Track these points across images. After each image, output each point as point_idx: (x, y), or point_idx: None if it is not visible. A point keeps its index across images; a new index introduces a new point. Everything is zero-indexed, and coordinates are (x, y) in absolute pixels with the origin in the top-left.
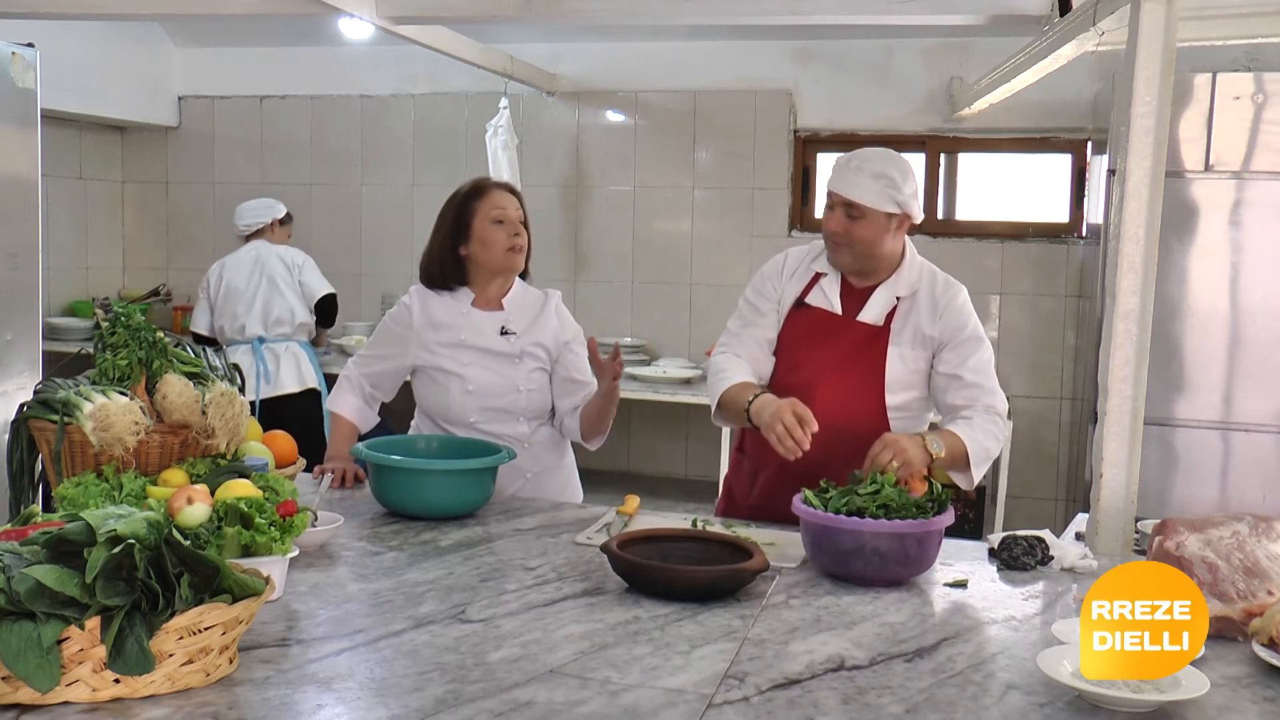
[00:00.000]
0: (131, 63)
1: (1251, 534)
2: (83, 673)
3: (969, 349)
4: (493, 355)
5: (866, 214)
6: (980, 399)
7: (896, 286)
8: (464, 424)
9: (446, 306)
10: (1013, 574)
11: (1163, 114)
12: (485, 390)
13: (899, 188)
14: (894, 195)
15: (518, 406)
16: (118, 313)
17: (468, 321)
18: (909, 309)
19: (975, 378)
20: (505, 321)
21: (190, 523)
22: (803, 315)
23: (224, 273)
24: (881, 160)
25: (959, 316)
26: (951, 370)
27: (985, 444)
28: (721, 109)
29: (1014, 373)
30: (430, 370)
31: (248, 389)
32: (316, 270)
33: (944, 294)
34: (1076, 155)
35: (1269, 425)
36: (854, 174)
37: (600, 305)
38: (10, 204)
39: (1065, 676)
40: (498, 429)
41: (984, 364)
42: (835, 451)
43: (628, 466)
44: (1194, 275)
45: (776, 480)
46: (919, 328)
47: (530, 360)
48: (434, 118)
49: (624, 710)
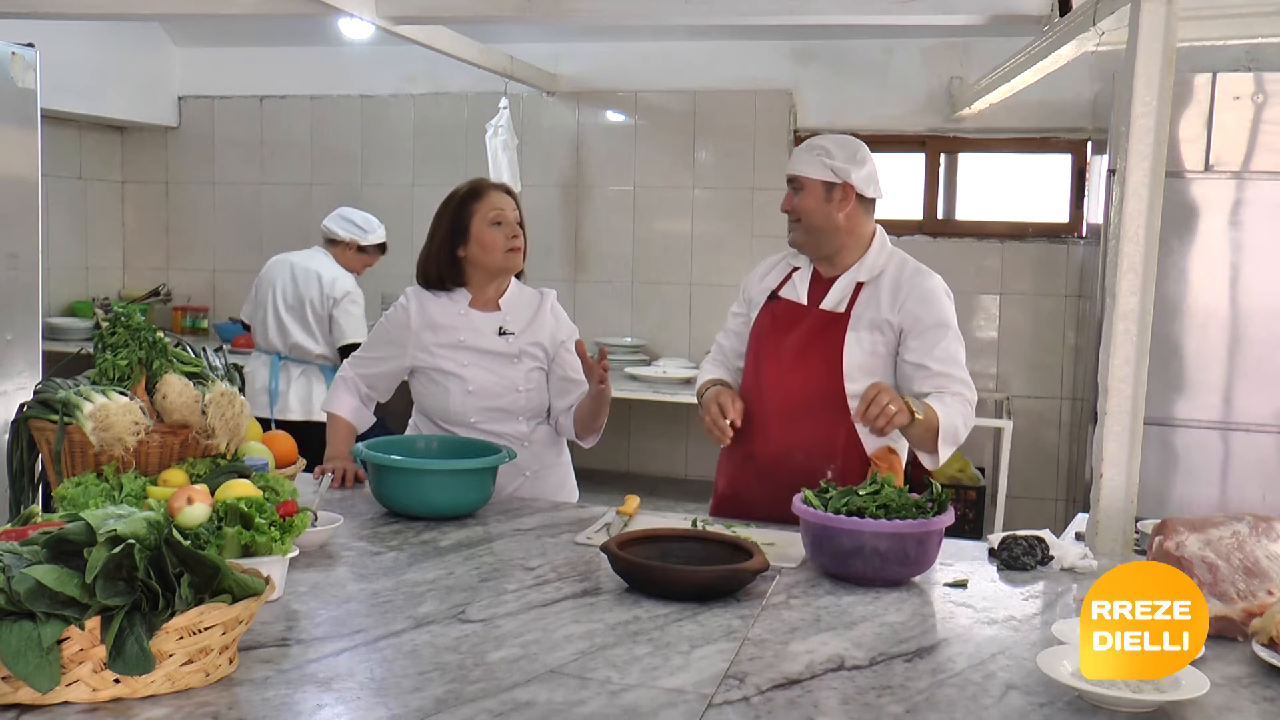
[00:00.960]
0: (131, 63)
1: (1251, 534)
2: (83, 673)
3: (934, 337)
4: (491, 356)
5: (805, 184)
6: (949, 386)
7: (859, 272)
8: (464, 424)
9: (444, 308)
10: (1013, 574)
11: (1163, 114)
12: (485, 391)
13: (832, 155)
14: (826, 162)
15: (517, 406)
16: (118, 313)
17: (466, 322)
18: (871, 294)
19: (942, 366)
20: (503, 322)
21: (190, 523)
22: (772, 308)
23: (272, 270)
24: (823, 138)
25: (922, 304)
26: (917, 359)
27: (955, 424)
28: (721, 109)
29: (1014, 373)
30: (429, 371)
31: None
32: (357, 311)
33: (908, 280)
34: (1076, 155)
35: (1269, 425)
36: (796, 153)
37: (600, 305)
38: (10, 204)
39: (1065, 676)
40: (498, 428)
41: (951, 352)
42: (796, 440)
43: (628, 466)
44: (1194, 275)
45: (744, 470)
46: (878, 312)
47: (528, 360)
48: (434, 118)
49: (624, 710)
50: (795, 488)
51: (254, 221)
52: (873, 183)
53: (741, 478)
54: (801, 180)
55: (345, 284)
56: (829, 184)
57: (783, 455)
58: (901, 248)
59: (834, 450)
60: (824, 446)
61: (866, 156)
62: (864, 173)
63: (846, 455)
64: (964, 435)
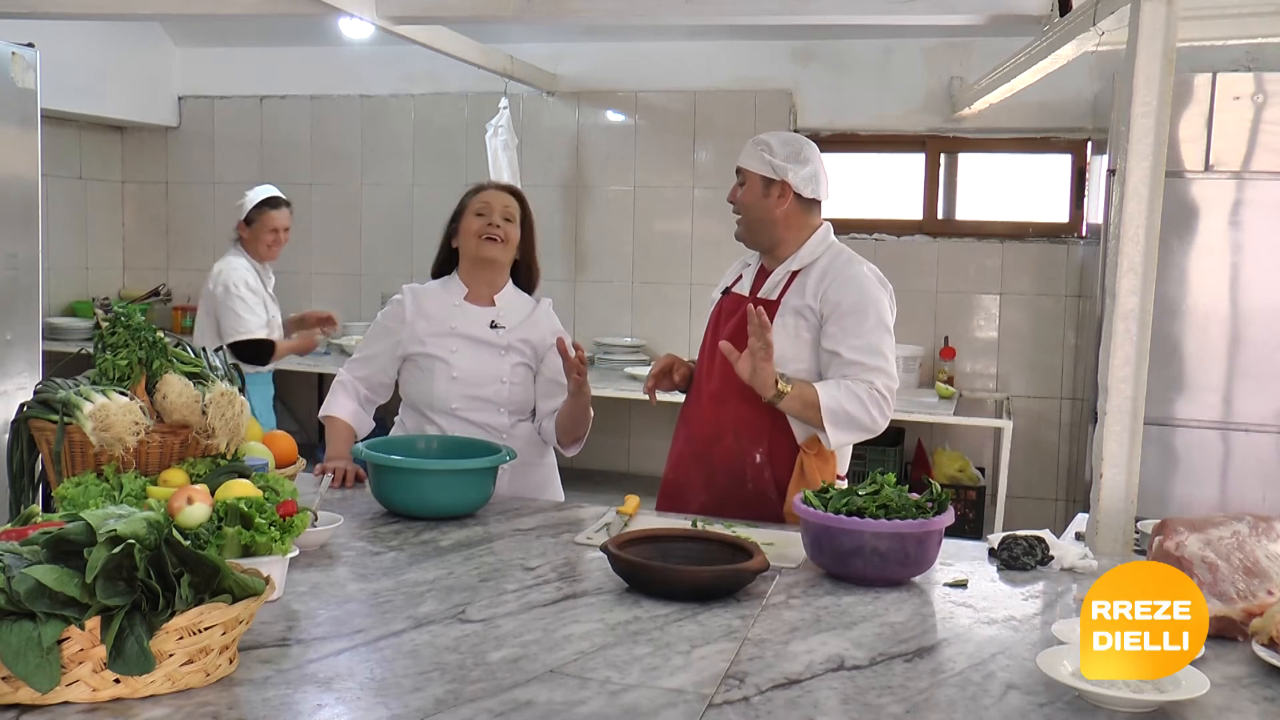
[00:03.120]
0: (131, 63)
1: (1251, 534)
2: (83, 673)
3: (850, 323)
4: (480, 344)
5: (747, 177)
6: (859, 374)
7: (794, 262)
8: (446, 410)
9: (439, 300)
10: (1013, 574)
11: (1163, 114)
12: (468, 378)
13: (774, 153)
14: (768, 158)
15: (500, 397)
16: (118, 313)
17: (459, 313)
18: (801, 282)
19: (855, 355)
20: (495, 316)
21: (190, 523)
22: (722, 302)
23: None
24: (772, 134)
25: (842, 289)
26: (832, 346)
27: (844, 404)
28: (721, 109)
29: (1014, 373)
30: (417, 357)
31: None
32: (241, 304)
33: (835, 268)
34: (1076, 155)
35: (1269, 425)
36: (745, 147)
37: (600, 305)
38: (10, 204)
39: (1065, 676)
40: (478, 418)
41: (868, 341)
42: (725, 421)
43: (628, 467)
44: (1194, 275)
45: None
46: (802, 299)
47: (515, 354)
48: (434, 118)
49: (624, 710)
50: (728, 471)
51: None
52: (813, 183)
53: (682, 463)
54: (745, 173)
55: (227, 275)
56: (768, 180)
57: (714, 437)
58: (901, 248)
59: (761, 434)
60: (751, 429)
61: (811, 157)
62: (804, 173)
63: (774, 440)
64: (865, 420)
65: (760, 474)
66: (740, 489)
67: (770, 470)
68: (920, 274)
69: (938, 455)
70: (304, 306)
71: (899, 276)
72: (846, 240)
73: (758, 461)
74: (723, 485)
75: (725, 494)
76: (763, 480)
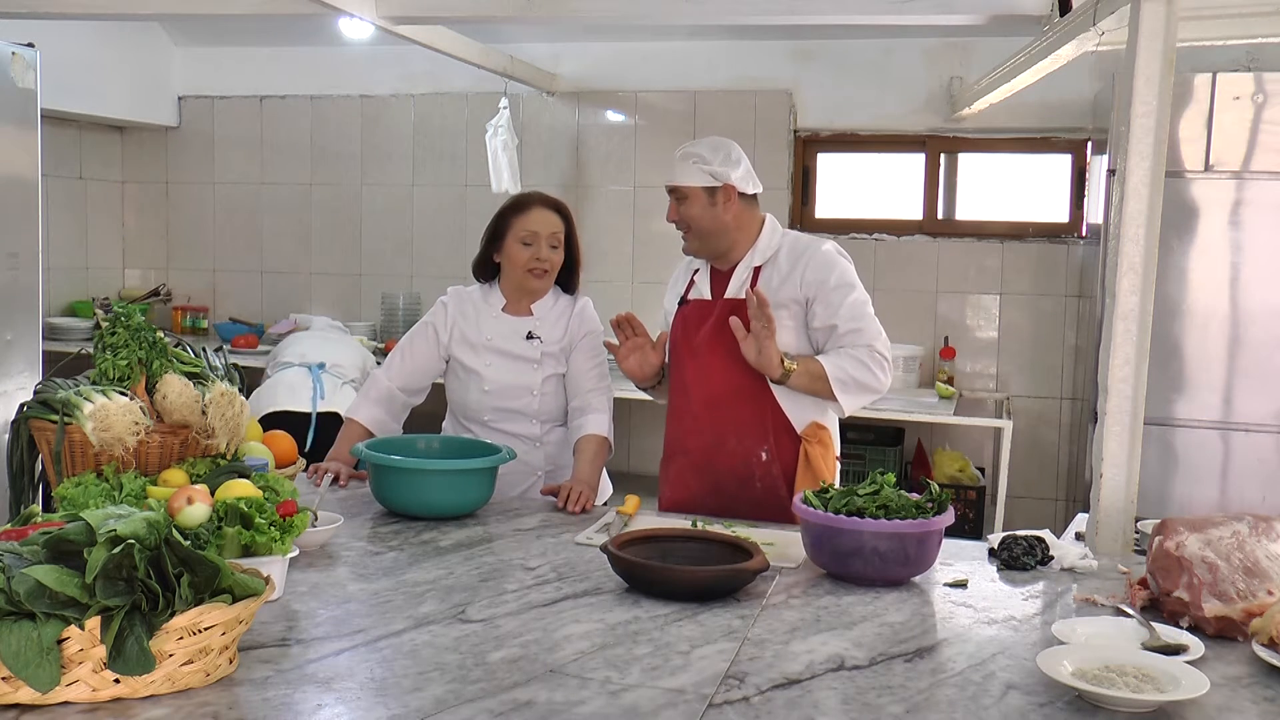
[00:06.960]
0: (131, 63)
1: (1251, 534)
2: (83, 673)
3: (838, 297)
4: (513, 358)
5: (687, 194)
6: (858, 341)
7: (754, 258)
8: (479, 421)
9: (478, 308)
10: (1013, 574)
11: (1163, 114)
12: (500, 392)
13: (707, 160)
14: (703, 168)
15: (530, 409)
16: (118, 313)
17: (495, 325)
18: (770, 274)
19: (850, 324)
20: (532, 327)
21: (190, 523)
22: (683, 312)
23: None
24: (693, 143)
25: (821, 270)
26: (826, 322)
27: (850, 370)
28: (721, 109)
29: (1014, 373)
30: (456, 365)
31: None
32: None
33: (803, 252)
34: (1076, 155)
35: (1269, 425)
36: (673, 163)
37: (600, 305)
38: (10, 204)
39: (1065, 676)
40: (511, 428)
41: (857, 309)
42: (726, 427)
43: (628, 467)
44: (1194, 275)
45: (683, 470)
46: (780, 287)
47: (550, 364)
48: (434, 118)
49: (624, 710)
50: (734, 475)
51: (254, 221)
52: (750, 179)
53: (681, 479)
54: (683, 190)
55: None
56: (710, 189)
57: (715, 444)
58: (901, 248)
59: (764, 431)
60: (754, 429)
61: (740, 155)
62: (741, 171)
63: (777, 435)
64: (872, 382)
65: (768, 471)
66: (749, 489)
67: (778, 465)
68: (920, 274)
69: (938, 455)
70: (304, 307)
71: (899, 276)
72: (847, 240)
73: (764, 459)
74: (730, 490)
75: (734, 497)
76: (771, 476)
